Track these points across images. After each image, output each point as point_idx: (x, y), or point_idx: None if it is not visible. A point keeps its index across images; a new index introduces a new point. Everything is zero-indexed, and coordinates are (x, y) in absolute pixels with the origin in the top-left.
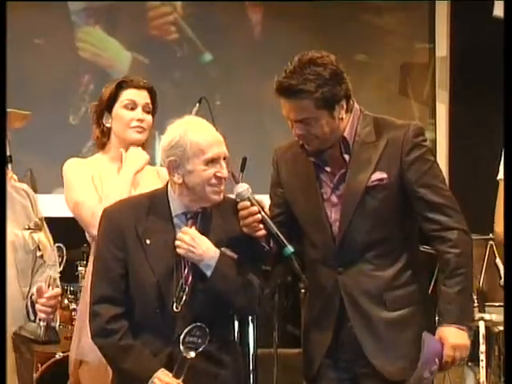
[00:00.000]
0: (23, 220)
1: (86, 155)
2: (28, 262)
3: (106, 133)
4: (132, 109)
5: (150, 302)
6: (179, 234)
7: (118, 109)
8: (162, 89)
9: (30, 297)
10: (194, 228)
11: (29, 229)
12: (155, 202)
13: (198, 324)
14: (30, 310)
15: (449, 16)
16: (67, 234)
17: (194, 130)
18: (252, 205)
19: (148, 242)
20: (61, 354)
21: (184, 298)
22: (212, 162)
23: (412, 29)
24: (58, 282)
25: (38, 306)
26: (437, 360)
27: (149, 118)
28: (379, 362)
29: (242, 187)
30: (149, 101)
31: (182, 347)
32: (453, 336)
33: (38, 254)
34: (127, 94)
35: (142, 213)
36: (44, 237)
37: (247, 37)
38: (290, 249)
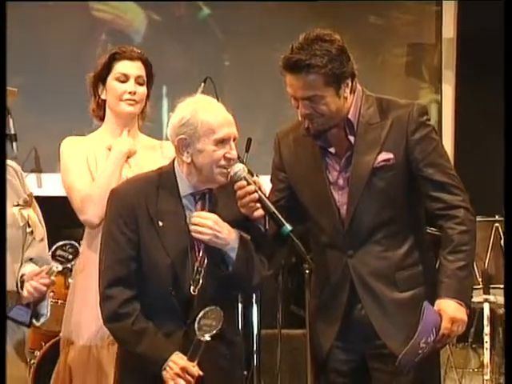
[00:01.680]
0: (12, 197)
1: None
2: (18, 239)
3: (101, 105)
4: (124, 81)
5: (164, 284)
6: (198, 219)
7: (110, 81)
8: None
9: (21, 276)
10: (202, 211)
11: (18, 205)
12: (163, 182)
13: (213, 307)
14: (19, 288)
15: None
16: (70, 213)
17: (205, 110)
18: (248, 184)
19: (160, 223)
20: None
21: (201, 280)
22: (222, 142)
23: (419, 11)
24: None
25: (26, 285)
26: (434, 331)
27: (141, 89)
28: (391, 343)
29: (238, 167)
30: (142, 73)
31: (197, 330)
32: (452, 309)
33: (28, 230)
34: (119, 67)
35: (152, 192)
36: (33, 213)
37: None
38: (287, 227)
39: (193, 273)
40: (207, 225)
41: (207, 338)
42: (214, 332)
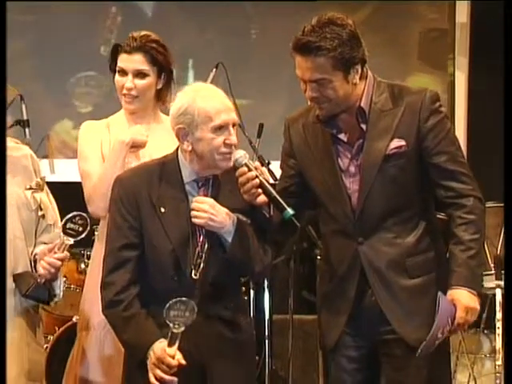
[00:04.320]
0: (25, 180)
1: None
2: (31, 222)
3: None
4: (123, 75)
5: (166, 269)
6: (195, 204)
7: (116, 73)
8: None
9: (34, 256)
10: (205, 196)
11: (30, 189)
12: (166, 169)
13: (182, 299)
14: (33, 268)
15: None
16: (82, 198)
17: (202, 97)
18: (250, 170)
19: (163, 210)
20: (77, 318)
21: (202, 265)
22: (220, 129)
23: None
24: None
25: (41, 262)
26: (449, 320)
27: (141, 83)
28: (403, 329)
29: (239, 153)
30: (142, 66)
31: (168, 322)
32: (465, 298)
33: (40, 213)
34: (119, 60)
35: (155, 180)
36: (46, 197)
37: None
38: (289, 211)
39: (194, 257)
40: (202, 208)
41: (182, 328)
42: (189, 323)
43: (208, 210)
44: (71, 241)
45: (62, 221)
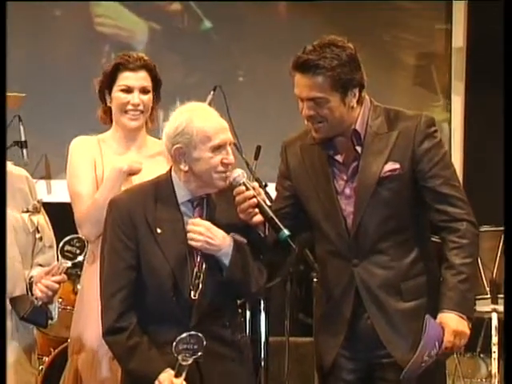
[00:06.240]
0: (21, 203)
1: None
2: (28, 245)
3: (107, 112)
4: (128, 92)
5: (165, 291)
6: (191, 227)
7: (115, 91)
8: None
9: (30, 278)
10: (200, 217)
11: (27, 211)
12: (161, 190)
13: (192, 333)
14: (29, 291)
15: (466, 7)
16: None
17: (199, 117)
18: (247, 189)
19: (159, 230)
20: None
21: (200, 285)
22: (218, 148)
23: (429, 19)
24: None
25: (39, 285)
26: (437, 344)
27: (146, 98)
28: (397, 352)
29: (237, 172)
30: (146, 83)
31: (175, 354)
32: (454, 322)
33: (38, 235)
34: (123, 78)
35: (150, 201)
36: (43, 219)
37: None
38: (285, 232)
39: (192, 278)
40: (199, 231)
41: (189, 361)
42: (198, 355)
43: (204, 233)
44: (69, 263)
45: (58, 243)
